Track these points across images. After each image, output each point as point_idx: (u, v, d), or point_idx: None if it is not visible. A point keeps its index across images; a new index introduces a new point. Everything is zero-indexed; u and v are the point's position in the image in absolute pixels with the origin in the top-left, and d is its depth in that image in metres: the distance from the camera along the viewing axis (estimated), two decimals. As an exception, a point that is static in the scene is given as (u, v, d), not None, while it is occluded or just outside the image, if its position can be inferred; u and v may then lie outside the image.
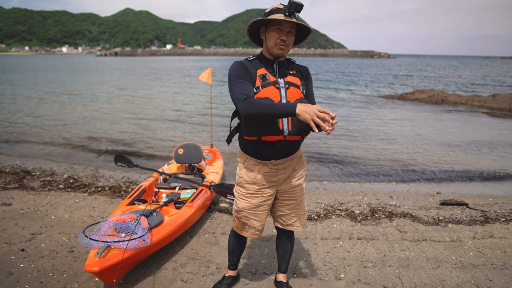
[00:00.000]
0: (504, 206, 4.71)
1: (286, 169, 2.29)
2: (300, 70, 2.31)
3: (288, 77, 2.21)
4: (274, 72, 2.19)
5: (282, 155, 2.24)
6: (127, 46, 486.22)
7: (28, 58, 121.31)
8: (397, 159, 7.41)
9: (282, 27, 2.11)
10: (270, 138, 2.13)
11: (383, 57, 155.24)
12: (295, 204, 2.41)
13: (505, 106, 14.52)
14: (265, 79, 2.14)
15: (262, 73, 2.16)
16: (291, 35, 2.15)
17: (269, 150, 2.20)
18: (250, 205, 2.34)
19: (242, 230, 2.45)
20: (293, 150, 2.28)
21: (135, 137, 9.16)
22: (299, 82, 2.23)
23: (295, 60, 2.32)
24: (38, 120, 11.37)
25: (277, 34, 2.12)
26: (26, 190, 4.89)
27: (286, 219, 2.44)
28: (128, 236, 2.68)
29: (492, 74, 40.50)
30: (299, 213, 2.44)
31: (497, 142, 8.96)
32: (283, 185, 2.34)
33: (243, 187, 2.35)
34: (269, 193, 2.33)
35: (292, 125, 2.11)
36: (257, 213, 2.36)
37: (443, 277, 2.94)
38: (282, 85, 2.15)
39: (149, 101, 16.52)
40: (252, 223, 2.39)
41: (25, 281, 2.76)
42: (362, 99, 17.98)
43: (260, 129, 2.10)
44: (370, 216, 4.25)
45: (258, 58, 2.24)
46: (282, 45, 2.12)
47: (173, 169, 4.75)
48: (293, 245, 2.64)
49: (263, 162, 2.24)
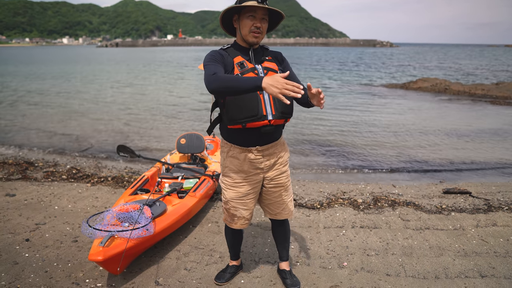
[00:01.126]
0: (507, 195, 4.70)
1: (271, 155, 2.30)
2: (275, 56, 2.33)
3: (265, 63, 2.22)
4: (250, 59, 2.20)
5: (267, 141, 2.25)
6: (127, 36, 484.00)
7: (29, 50, 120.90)
8: (400, 148, 7.38)
9: (256, 14, 2.10)
10: (255, 124, 2.13)
11: (385, 46, 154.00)
12: (282, 190, 2.41)
13: (508, 95, 14.41)
14: (243, 66, 2.14)
15: (240, 60, 2.16)
16: (265, 22, 2.16)
17: (255, 137, 2.20)
18: (238, 194, 2.34)
19: (231, 222, 2.47)
20: (277, 135, 2.30)
21: (136, 128, 9.15)
22: (276, 67, 2.24)
23: (269, 47, 2.34)
24: (39, 112, 11.37)
25: (251, 21, 2.11)
26: (29, 181, 4.90)
27: (274, 207, 2.45)
28: (132, 225, 2.68)
29: (495, 62, 40.18)
30: (286, 200, 2.45)
31: (501, 131, 8.91)
32: (269, 172, 2.34)
33: (229, 176, 2.34)
34: (256, 181, 2.33)
35: (275, 109, 2.14)
36: (245, 202, 2.37)
37: (446, 265, 2.94)
38: (261, 71, 2.16)
39: (150, 92, 16.48)
40: (241, 213, 2.40)
41: (30, 271, 2.78)
42: (364, 88, 17.88)
43: (245, 117, 2.10)
44: (373, 205, 4.25)
45: (233, 47, 2.24)
46: (257, 32, 2.13)
47: (175, 159, 4.75)
48: (290, 232, 2.67)
49: (248, 149, 2.24)
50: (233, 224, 2.47)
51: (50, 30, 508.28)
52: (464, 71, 28.14)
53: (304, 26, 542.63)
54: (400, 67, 33.48)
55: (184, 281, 2.70)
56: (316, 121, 9.96)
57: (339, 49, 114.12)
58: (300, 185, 5.18)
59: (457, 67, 33.14)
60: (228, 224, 2.50)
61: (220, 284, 2.66)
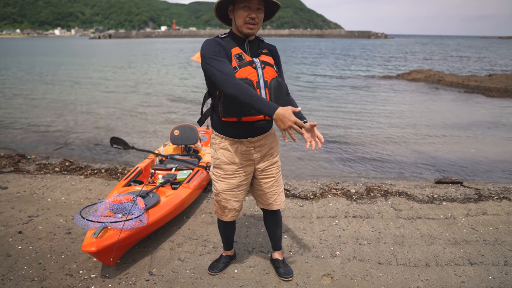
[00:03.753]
0: (497, 184, 4.76)
1: (262, 146, 2.31)
2: (270, 49, 2.30)
3: (262, 56, 2.19)
4: (246, 51, 2.16)
5: (259, 132, 2.25)
6: (121, 28, 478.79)
7: (19, 41, 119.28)
8: (393, 138, 7.43)
9: (251, 4, 2.06)
10: (250, 118, 2.14)
11: (380, 37, 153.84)
12: (273, 181, 2.42)
13: (501, 86, 14.49)
14: (241, 59, 2.10)
15: (238, 52, 2.12)
16: (260, 12, 2.11)
17: (248, 129, 2.21)
18: (230, 186, 2.35)
19: (222, 214, 2.48)
20: (269, 127, 2.31)
21: (130, 119, 9.11)
22: (272, 61, 2.22)
23: (264, 39, 2.30)
24: (30, 105, 11.27)
25: (246, 12, 2.06)
26: (21, 174, 4.88)
27: (265, 198, 2.46)
28: (125, 216, 2.69)
29: (488, 54, 40.33)
30: (278, 190, 2.46)
31: (493, 121, 8.99)
32: (260, 163, 2.35)
33: (220, 168, 2.33)
34: (247, 172, 2.34)
35: None
36: (237, 194, 2.38)
37: (437, 253, 2.99)
38: (259, 64, 2.13)
39: (142, 83, 16.38)
40: (232, 205, 2.41)
41: (24, 262, 2.78)
42: (358, 79, 17.89)
43: (242, 111, 2.10)
44: (366, 195, 4.29)
45: (230, 36, 2.18)
46: (252, 23, 2.08)
47: (169, 150, 4.75)
48: (281, 222, 2.68)
49: (239, 140, 2.24)
50: (224, 217, 2.48)
51: (41, 21, 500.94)
52: (458, 62, 28.23)
53: (299, 17, 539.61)
54: (394, 58, 33.52)
55: (178, 271, 2.72)
56: (309, 113, 9.97)
57: (334, 40, 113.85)
58: (294, 175, 5.21)
59: (451, 58, 33.24)
60: (219, 217, 2.51)
61: (214, 274, 2.68)
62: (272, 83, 2.14)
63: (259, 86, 2.10)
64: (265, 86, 2.12)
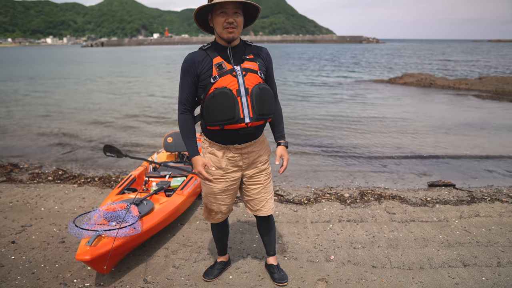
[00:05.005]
0: (489, 186, 4.81)
1: (250, 153, 2.32)
2: (258, 53, 2.27)
3: (245, 63, 2.18)
4: (229, 59, 2.16)
5: (246, 140, 2.26)
6: (113, 35, 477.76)
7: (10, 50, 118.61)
8: (386, 142, 7.48)
9: (227, 10, 2.07)
10: (233, 126, 2.15)
11: (371, 42, 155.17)
12: (261, 188, 2.43)
13: (491, 89, 14.68)
14: (221, 68, 2.12)
15: (218, 61, 2.14)
16: (238, 16, 2.11)
17: (233, 136, 2.22)
18: (216, 190, 2.37)
19: (209, 217, 2.51)
20: (257, 134, 2.31)
21: (123, 128, 9.08)
22: (256, 67, 2.20)
23: (252, 43, 2.29)
24: (21, 113, 11.20)
25: (223, 17, 2.08)
26: (14, 183, 4.84)
27: (254, 204, 2.47)
28: (119, 224, 2.68)
29: (479, 57, 40.83)
30: (266, 197, 2.46)
31: (484, 124, 9.09)
32: (248, 170, 2.36)
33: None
34: (234, 178, 2.36)
35: (253, 112, 2.15)
36: (223, 198, 2.40)
37: (430, 255, 3.01)
38: (239, 72, 2.14)
39: (134, 91, 16.35)
40: (218, 208, 2.44)
41: (17, 273, 2.76)
42: (350, 84, 18.01)
43: (222, 119, 2.12)
44: (360, 199, 4.31)
45: (213, 46, 2.20)
46: (230, 27, 2.09)
47: (162, 157, 4.74)
48: (275, 227, 2.68)
49: (226, 146, 2.26)
50: (210, 219, 2.51)
51: (33, 30, 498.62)
52: (449, 66, 28.54)
53: (290, 23, 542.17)
54: (386, 62, 33.80)
55: (173, 278, 2.71)
56: (303, 118, 10.01)
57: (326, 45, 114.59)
58: (288, 181, 5.23)
59: (442, 62, 33.59)
60: (206, 219, 2.55)
61: (209, 280, 2.67)
62: (254, 90, 2.14)
63: (239, 94, 2.12)
64: (246, 94, 2.13)
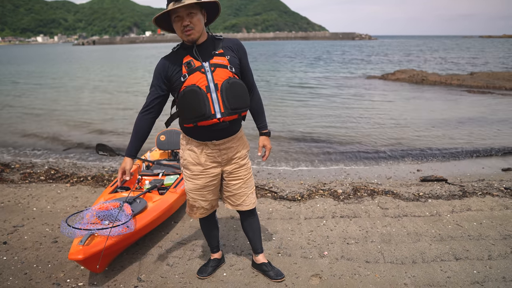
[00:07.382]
0: (481, 181, 4.86)
1: (228, 149, 2.32)
2: (229, 46, 2.26)
3: (214, 58, 2.18)
4: (197, 56, 2.18)
5: (224, 135, 2.27)
6: (105, 34, 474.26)
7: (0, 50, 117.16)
8: (378, 138, 7.52)
9: (179, 14, 2.08)
10: (206, 123, 2.17)
11: (364, 38, 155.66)
12: (241, 183, 2.44)
13: (482, 84, 14.81)
14: (190, 66, 2.14)
15: (187, 60, 2.16)
16: (193, 16, 2.10)
17: (209, 133, 2.23)
18: (196, 186, 2.38)
19: (191, 212, 2.53)
20: (234, 129, 2.31)
21: (115, 126, 9.03)
22: (226, 61, 2.19)
23: (222, 36, 2.29)
24: (13, 112, 11.08)
25: (179, 21, 2.11)
26: (5, 183, 4.80)
27: (235, 199, 2.48)
28: (112, 223, 2.67)
29: (470, 53, 41.12)
30: (247, 192, 2.47)
31: (476, 118, 9.17)
32: (227, 166, 2.37)
33: (188, 168, 2.37)
34: (214, 173, 2.37)
35: (224, 107, 2.15)
36: (203, 194, 2.41)
37: (423, 249, 3.03)
38: (207, 68, 2.15)
39: (127, 90, 16.25)
40: (199, 203, 2.45)
41: (9, 273, 2.74)
42: (343, 80, 18.06)
43: (194, 116, 2.14)
44: (353, 195, 4.33)
45: (182, 46, 2.24)
46: (187, 30, 2.10)
47: (155, 156, 4.73)
48: (259, 224, 2.67)
49: (204, 143, 2.27)
50: (193, 214, 2.52)
51: (23, 28, 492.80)
52: (440, 62, 28.72)
53: (283, 20, 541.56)
54: (378, 59, 33.93)
55: (167, 276, 2.71)
56: (296, 115, 10.02)
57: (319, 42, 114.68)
58: (281, 177, 5.23)
59: (434, 58, 33.79)
60: (188, 214, 2.56)
61: (203, 278, 2.67)
62: (224, 85, 2.15)
63: (209, 90, 2.13)
64: (215, 89, 2.14)
